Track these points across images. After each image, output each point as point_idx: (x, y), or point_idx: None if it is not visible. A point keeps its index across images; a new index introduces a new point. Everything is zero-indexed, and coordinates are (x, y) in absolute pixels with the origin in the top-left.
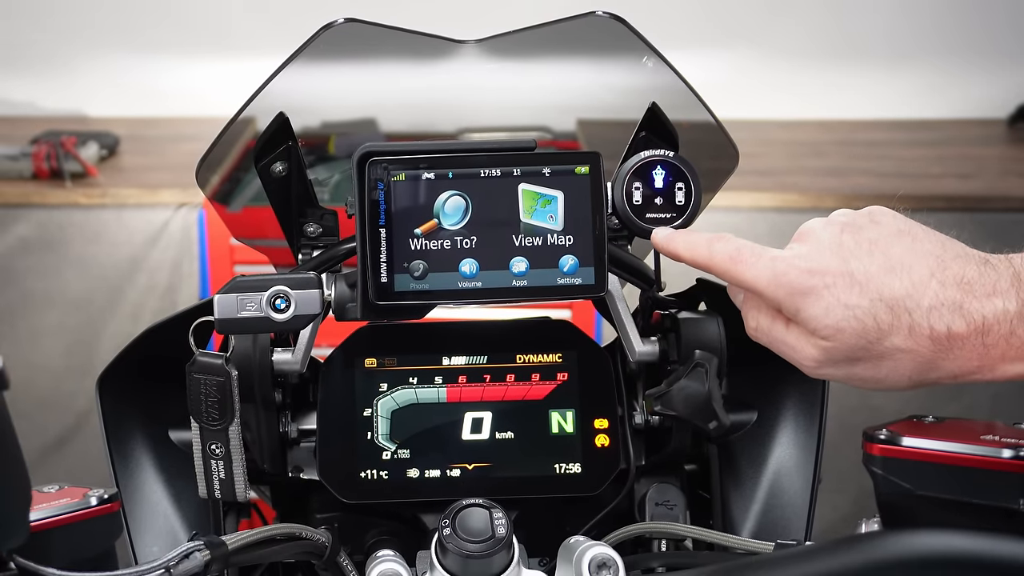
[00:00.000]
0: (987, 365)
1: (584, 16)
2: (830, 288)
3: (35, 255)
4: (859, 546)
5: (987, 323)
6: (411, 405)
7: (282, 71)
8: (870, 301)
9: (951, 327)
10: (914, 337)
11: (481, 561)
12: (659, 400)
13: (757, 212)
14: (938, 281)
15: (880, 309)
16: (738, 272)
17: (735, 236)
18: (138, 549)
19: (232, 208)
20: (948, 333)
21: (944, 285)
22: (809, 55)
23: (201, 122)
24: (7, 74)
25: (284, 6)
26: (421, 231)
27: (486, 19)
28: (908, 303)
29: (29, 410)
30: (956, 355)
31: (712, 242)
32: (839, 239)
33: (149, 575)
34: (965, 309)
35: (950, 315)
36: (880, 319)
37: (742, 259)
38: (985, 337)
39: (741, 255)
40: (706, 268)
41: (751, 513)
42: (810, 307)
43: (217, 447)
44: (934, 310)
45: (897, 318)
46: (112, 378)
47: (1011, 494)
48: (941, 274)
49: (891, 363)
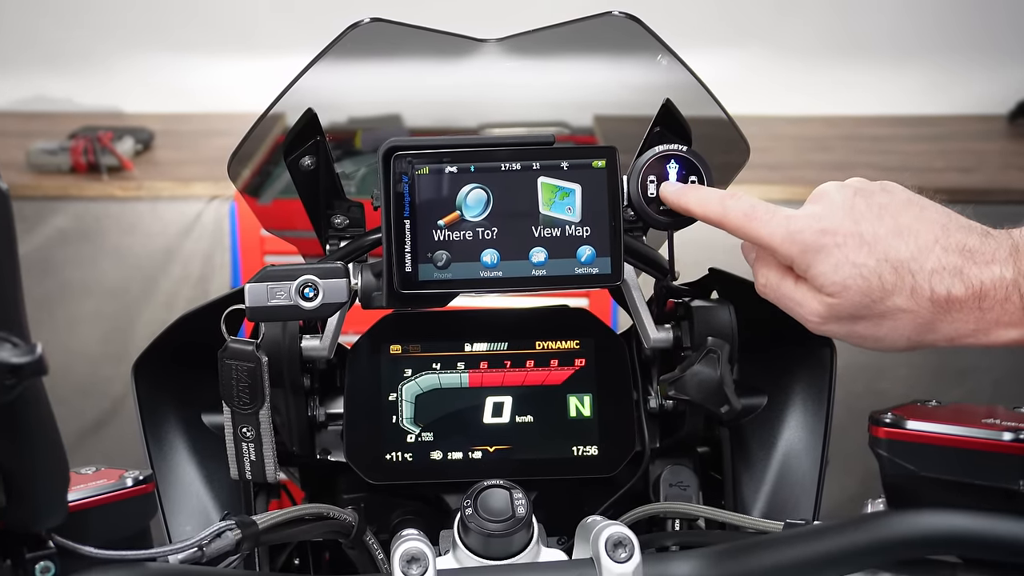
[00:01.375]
0: (982, 329)
1: (601, 16)
2: (840, 247)
3: (73, 246)
4: (865, 525)
5: (984, 288)
6: (434, 390)
7: (310, 69)
8: (876, 261)
9: (951, 290)
10: (915, 298)
11: (502, 540)
12: (673, 385)
13: None
14: (941, 247)
15: (885, 269)
16: (753, 229)
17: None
18: (172, 528)
19: (262, 200)
20: (948, 296)
21: (947, 251)
22: (816, 54)
23: (232, 118)
24: (47, 72)
25: (310, 6)
26: (444, 222)
27: (506, 19)
28: (912, 265)
29: (67, 395)
30: (954, 318)
31: (725, 199)
32: (852, 202)
33: (183, 553)
34: (965, 274)
35: (951, 279)
36: (885, 279)
37: (757, 216)
38: (982, 302)
39: (756, 212)
40: (719, 224)
41: (761, 494)
42: (820, 264)
43: (248, 430)
44: (936, 273)
45: (901, 279)
46: (147, 364)
47: (1011, 475)
48: (945, 240)
49: (891, 322)
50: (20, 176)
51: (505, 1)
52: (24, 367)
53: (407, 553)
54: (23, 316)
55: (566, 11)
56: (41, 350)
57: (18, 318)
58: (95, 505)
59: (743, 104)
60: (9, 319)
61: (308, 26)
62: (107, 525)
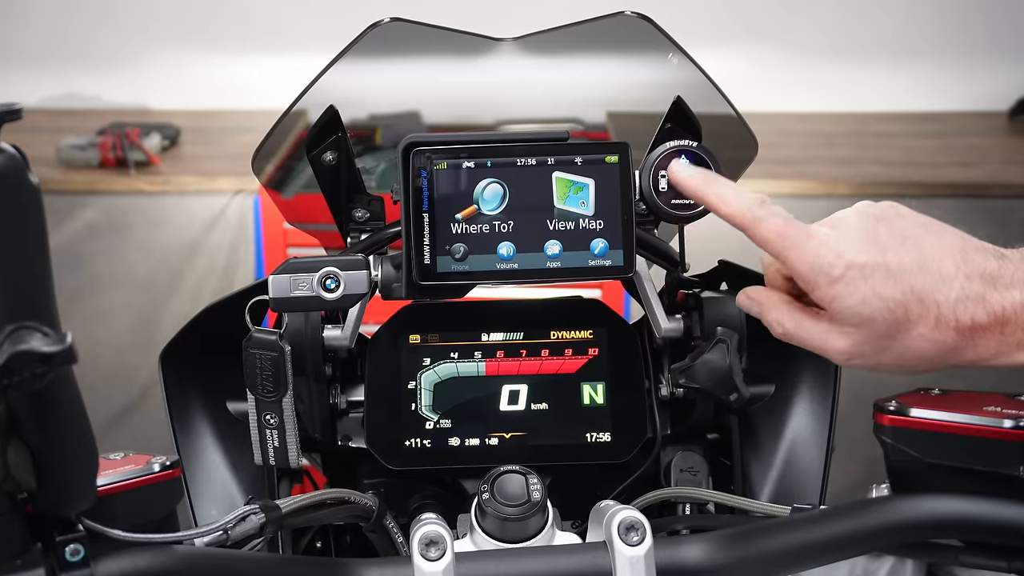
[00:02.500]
0: (1004, 352)
1: (614, 16)
2: (867, 279)
3: (102, 239)
4: (870, 510)
5: (1006, 314)
6: (452, 378)
7: (332, 67)
8: (903, 293)
9: (974, 318)
10: (940, 328)
11: (518, 524)
12: (683, 374)
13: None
14: (964, 275)
15: (912, 301)
16: (784, 250)
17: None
18: (198, 512)
19: (285, 195)
20: (972, 324)
21: (969, 279)
22: (823, 52)
23: (256, 115)
24: (76, 70)
25: (333, 6)
26: (462, 216)
27: (522, 19)
28: (937, 296)
29: (96, 383)
30: (977, 343)
31: (755, 208)
32: (875, 229)
33: (208, 536)
34: (987, 301)
35: (974, 307)
36: (911, 310)
37: (790, 237)
38: (1004, 327)
39: (790, 233)
40: (742, 228)
41: (769, 479)
42: (847, 297)
43: (272, 417)
44: (960, 302)
45: (926, 309)
46: (173, 353)
47: (1012, 461)
48: (966, 268)
49: (915, 352)
50: (51, 171)
51: (521, 1)
52: (55, 356)
53: (426, 536)
54: (54, 307)
55: (580, 11)
56: (71, 340)
57: (49, 309)
58: (123, 489)
59: (752, 101)
60: (40, 309)
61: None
62: (135, 509)
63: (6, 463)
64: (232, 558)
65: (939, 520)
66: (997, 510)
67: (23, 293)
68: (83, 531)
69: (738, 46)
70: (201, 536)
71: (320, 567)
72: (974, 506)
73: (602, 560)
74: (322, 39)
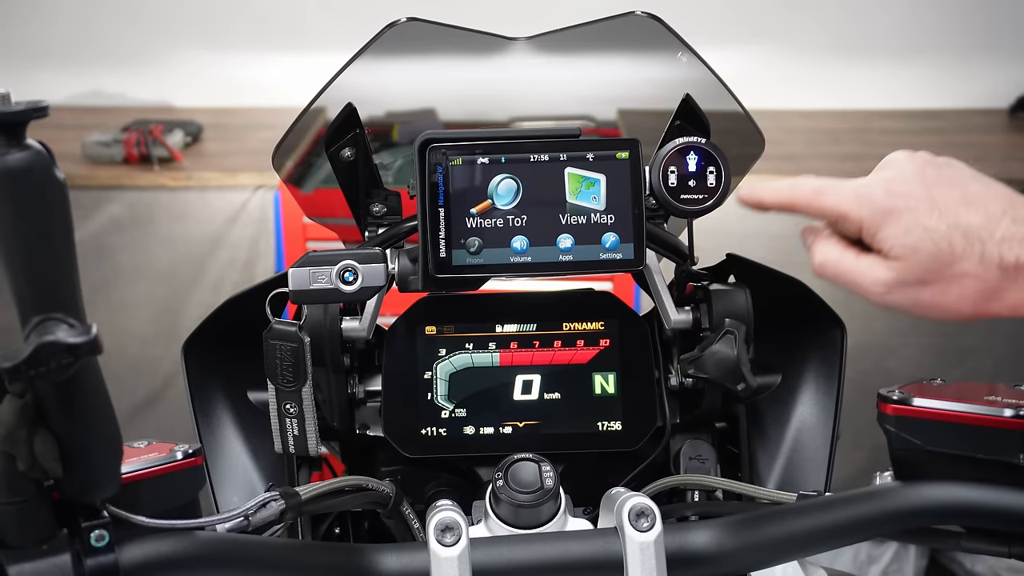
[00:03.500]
0: None
1: (624, 16)
2: (912, 210)
3: (126, 233)
4: (874, 497)
5: None
6: (467, 368)
7: (350, 65)
8: (947, 227)
9: (1020, 258)
10: (984, 264)
11: (531, 510)
12: (692, 364)
13: None
14: (1010, 218)
15: (956, 235)
16: (823, 201)
17: None
18: (220, 499)
19: (305, 190)
20: (1016, 263)
21: (1015, 221)
22: (828, 52)
23: (276, 112)
24: (101, 68)
25: (352, 6)
26: (476, 210)
27: (535, 18)
28: (982, 233)
29: (121, 373)
30: (1020, 285)
31: (796, 183)
32: (922, 170)
33: (230, 522)
34: None
35: (1019, 247)
36: (955, 244)
37: (825, 189)
38: None
39: (824, 186)
40: (791, 207)
41: (776, 467)
42: (891, 226)
43: (291, 406)
44: (1005, 241)
45: (970, 245)
46: (196, 344)
47: (1012, 449)
48: (1013, 212)
49: (958, 289)
50: (76, 167)
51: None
52: (80, 347)
53: (441, 522)
54: (79, 299)
55: (591, 11)
56: (96, 331)
57: (75, 301)
58: (147, 477)
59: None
60: (66, 301)
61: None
62: (158, 496)
63: (33, 451)
64: (253, 543)
65: (941, 507)
66: (998, 497)
67: (50, 285)
68: (108, 517)
69: (745, 45)
70: (223, 522)
71: (338, 552)
72: (975, 493)
73: (613, 545)
74: (341, 38)
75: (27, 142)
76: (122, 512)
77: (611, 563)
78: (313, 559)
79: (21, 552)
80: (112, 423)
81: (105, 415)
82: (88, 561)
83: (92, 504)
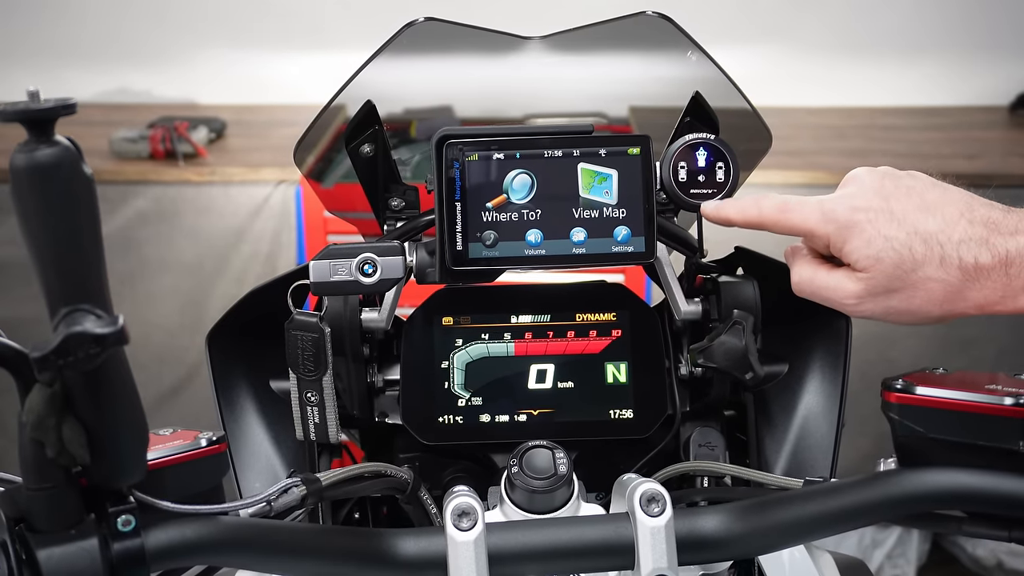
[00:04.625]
0: (1009, 296)
1: (635, 15)
2: (872, 222)
3: (152, 226)
4: (878, 483)
5: (1010, 256)
6: (483, 358)
7: (369, 64)
8: (906, 234)
9: (978, 259)
10: (945, 267)
11: (545, 496)
12: (702, 354)
13: (788, 188)
14: (967, 220)
15: (915, 241)
16: (788, 219)
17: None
18: (243, 485)
19: (325, 184)
20: (975, 264)
21: (972, 223)
22: (833, 50)
23: (298, 109)
24: (128, 67)
25: (371, 6)
26: (492, 205)
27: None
28: (940, 237)
29: (147, 363)
30: (982, 285)
31: (759, 200)
32: (881, 183)
33: (253, 507)
34: (991, 243)
35: (977, 248)
36: (915, 250)
37: (790, 208)
38: (1008, 268)
39: (788, 204)
40: (758, 225)
41: (783, 453)
42: (855, 239)
43: (312, 395)
44: (963, 243)
45: (930, 249)
46: (220, 334)
47: (1012, 436)
48: (969, 214)
49: (924, 293)
50: (104, 162)
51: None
52: (107, 337)
53: (458, 508)
54: (107, 290)
55: (603, 11)
56: (123, 321)
57: (102, 292)
58: (172, 463)
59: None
60: (94, 293)
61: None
62: (183, 482)
63: (61, 438)
64: (275, 528)
65: (943, 492)
66: (998, 483)
67: (78, 277)
68: (134, 502)
69: (753, 44)
70: (246, 507)
71: (358, 536)
72: (976, 479)
73: (625, 530)
74: (360, 38)
75: (56, 138)
76: (148, 497)
77: (623, 547)
78: (333, 543)
79: (50, 536)
80: (138, 411)
81: (131, 403)
82: (115, 545)
83: (119, 490)
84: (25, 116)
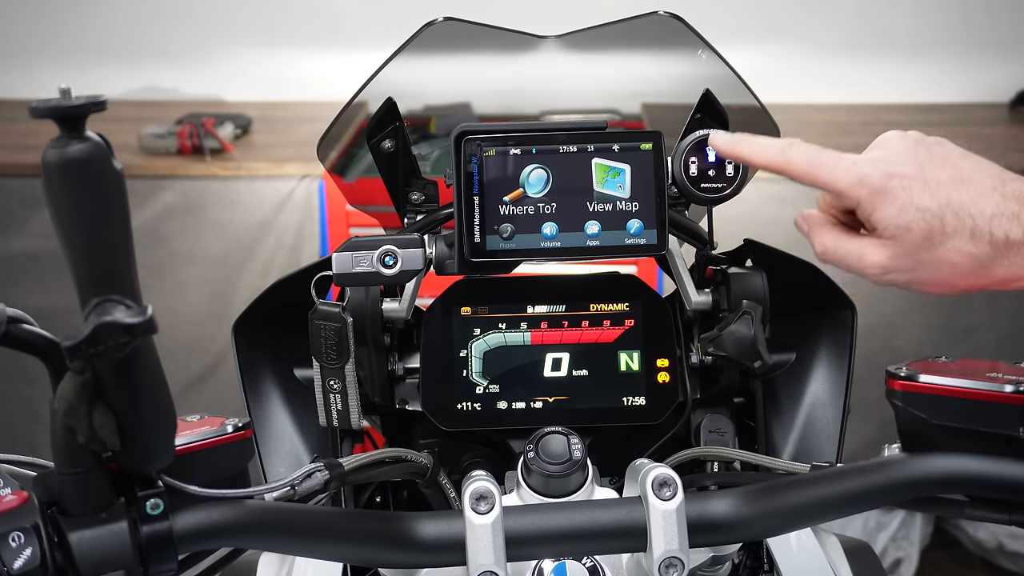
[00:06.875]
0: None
1: (648, 15)
2: (907, 189)
3: (179, 219)
4: (883, 468)
5: None
6: (500, 347)
7: (390, 62)
8: (939, 205)
9: (1009, 234)
10: (975, 241)
11: (560, 480)
12: (712, 343)
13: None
14: (1000, 194)
15: (947, 213)
16: (819, 175)
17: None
18: (267, 470)
19: (347, 179)
20: (1006, 239)
21: (1005, 198)
22: (840, 49)
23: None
24: (156, 65)
25: (391, 5)
26: (509, 198)
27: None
28: (972, 210)
29: (174, 352)
30: (1010, 261)
31: (786, 148)
32: (915, 149)
33: (277, 491)
34: (1022, 219)
35: (1008, 223)
36: (946, 222)
37: (822, 162)
38: None
39: (821, 159)
40: (780, 171)
41: (790, 439)
42: (886, 207)
43: (335, 383)
44: (995, 218)
45: (961, 222)
46: (245, 324)
47: (1012, 423)
48: (1002, 188)
49: (950, 266)
50: (133, 157)
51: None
52: (136, 327)
53: (476, 492)
54: (136, 281)
55: (616, 11)
56: (151, 312)
57: (131, 283)
58: (199, 449)
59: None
60: (123, 284)
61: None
62: (209, 467)
63: (92, 425)
64: (299, 511)
65: (946, 477)
66: (999, 468)
67: (108, 269)
68: (162, 487)
69: (762, 43)
70: (270, 491)
71: (380, 519)
72: (978, 464)
73: (637, 513)
74: (381, 36)
75: (87, 134)
76: (176, 482)
77: (636, 530)
78: (356, 526)
79: (81, 519)
80: (166, 398)
81: (160, 391)
82: (144, 528)
83: (148, 474)
84: (57, 112)
